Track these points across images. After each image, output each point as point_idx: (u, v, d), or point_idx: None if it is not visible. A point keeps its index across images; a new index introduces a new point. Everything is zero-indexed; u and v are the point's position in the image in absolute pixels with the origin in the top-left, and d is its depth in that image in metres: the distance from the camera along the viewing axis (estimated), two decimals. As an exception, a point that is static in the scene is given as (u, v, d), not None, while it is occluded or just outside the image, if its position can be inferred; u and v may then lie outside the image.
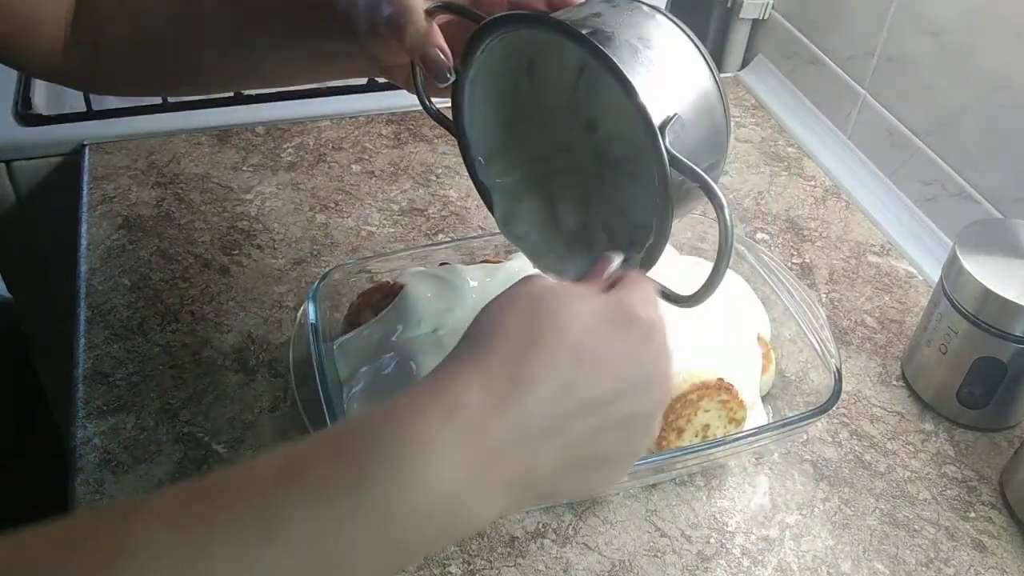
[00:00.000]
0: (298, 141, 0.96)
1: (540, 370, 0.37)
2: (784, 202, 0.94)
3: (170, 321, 0.75)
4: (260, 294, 0.78)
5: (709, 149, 0.51)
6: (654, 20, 0.49)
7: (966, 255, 0.67)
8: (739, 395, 0.62)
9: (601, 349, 0.39)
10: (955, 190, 0.86)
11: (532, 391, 0.37)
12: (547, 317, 0.39)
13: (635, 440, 0.41)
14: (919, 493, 0.66)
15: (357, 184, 0.91)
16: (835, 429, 0.70)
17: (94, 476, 0.62)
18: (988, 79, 0.81)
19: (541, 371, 0.37)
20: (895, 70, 0.92)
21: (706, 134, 0.50)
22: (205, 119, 0.96)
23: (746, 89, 1.11)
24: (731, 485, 0.66)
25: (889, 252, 0.88)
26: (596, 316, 0.39)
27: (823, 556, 0.62)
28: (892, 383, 0.75)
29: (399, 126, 0.99)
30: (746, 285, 0.72)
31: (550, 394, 0.37)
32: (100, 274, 0.79)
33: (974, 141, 0.83)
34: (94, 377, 0.69)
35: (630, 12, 0.49)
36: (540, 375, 0.37)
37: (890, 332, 0.79)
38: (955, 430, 0.71)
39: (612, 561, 0.60)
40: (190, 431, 0.66)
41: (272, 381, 0.70)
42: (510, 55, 0.53)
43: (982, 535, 0.64)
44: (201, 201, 0.87)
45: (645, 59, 0.47)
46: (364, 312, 0.68)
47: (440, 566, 0.59)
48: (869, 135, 0.97)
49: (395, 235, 0.85)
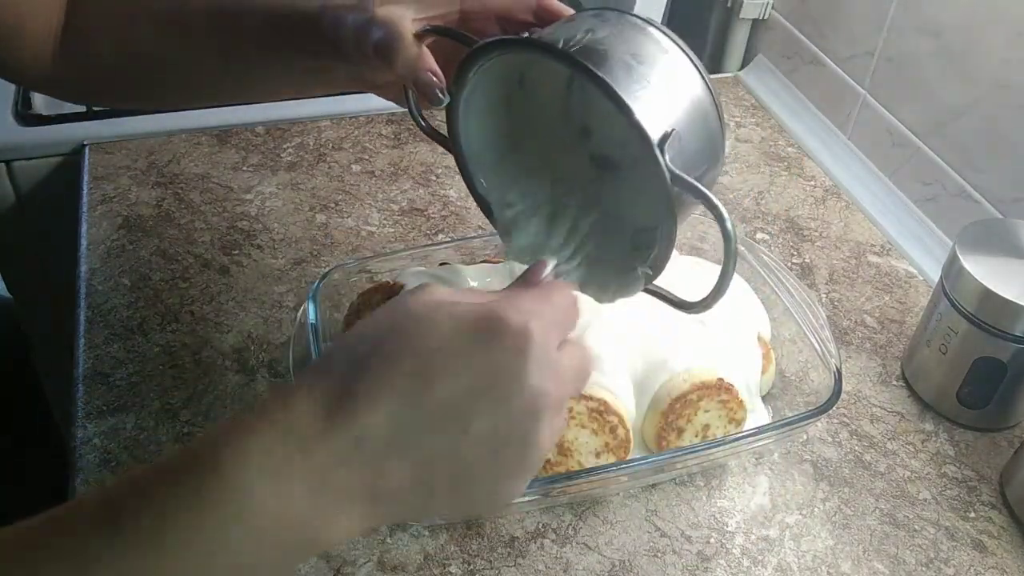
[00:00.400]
0: (298, 141, 0.96)
1: (378, 383, 0.36)
2: (784, 202, 0.94)
3: (170, 321, 0.75)
4: (260, 294, 0.78)
5: (706, 156, 0.51)
6: (644, 33, 0.50)
7: (966, 255, 0.67)
8: (739, 395, 0.62)
9: (449, 362, 0.36)
10: (955, 190, 0.86)
11: (367, 405, 0.35)
12: (400, 329, 0.37)
13: (509, 456, 0.38)
14: (919, 493, 0.66)
15: (357, 184, 0.91)
16: (835, 429, 0.70)
17: (94, 476, 0.62)
18: (988, 79, 0.81)
19: (379, 384, 0.36)
20: (895, 70, 0.92)
21: (703, 142, 0.50)
22: (205, 119, 0.96)
23: (746, 89, 1.11)
24: (731, 485, 0.66)
25: (889, 252, 0.88)
26: (452, 329, 0.37)
27: (823, 556, 0.62)
28: (892, 383, 0.75)
29: (399, 126, 0.99)
30: (746, 285, 0.72)
31: (390, 407, 0.36)
32: (100, 274, 0.79)
33: (974, 141, 0.83)
34: (94, 377, 0.69)
35: (620, 26, 0.49)
36: (378, 388, 0.36)
37: (890, 332, 0.79)
38: (955, 430, 0.71)
39: (612, 561, 0.60)
40: (190, 431, 0.66)
41: (272, 381, 0.70)
42: (502, 74, 0.53)
43: (982, 535, 0.64)
44: (201, 201, 0.87)
45: (639, 76, 0.47)
46: (364, 312, 0.68)
47: (440, 566, 0.59)
48: (869, 135, 0.97)
49: (395, 235, 0.85)
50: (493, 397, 0.37)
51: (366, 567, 0.59)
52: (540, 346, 0.37)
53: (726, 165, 0.98)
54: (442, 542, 0.61)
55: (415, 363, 0.36)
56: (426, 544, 0.60)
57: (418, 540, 0.60)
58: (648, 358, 0.63)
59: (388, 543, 0.60)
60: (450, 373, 0.36)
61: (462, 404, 0.37)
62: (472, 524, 0.62)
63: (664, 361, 0.63)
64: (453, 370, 0.36)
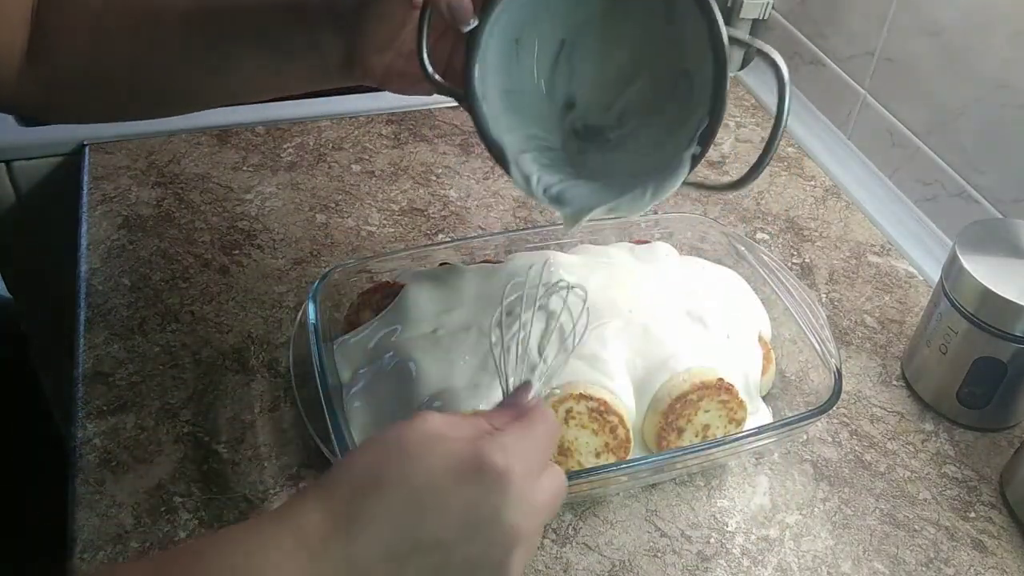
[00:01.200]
0: (298, 141, 0.96)
1: (376, 512, 0.40)
2: (784, 202, 0.94)
3: (170, 321, 0.75)
4: (260, 294, 0.78)
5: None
6: None
7: (966, 255, 0.67)
8: (739, 395, 0.62)
9: (440, 498, 0.41)
10: (955, 190, 0.86)
11: (365, 530, 0.40)
12: (396, 463, 0.42)
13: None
14: (919, 493, 0.66)
15: (357, 184, 0.91)
16: (835, 429, 0.70)
17: (94, 476, 0.62)
18: (988, 79, 0.81)
19: (377, 513, 0.40)
20: (895, 70, 0.92)
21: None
22: (205, 119, 0.96)
23: (746, 89, 1.11)
24: (731, 485, 0.66)
25: (889, 252, 0.88)
26: (444, 466, 0.41)
27: (823, 556, 0.62)
28: (892, 383, 0.75)
29: (399, 126, 1.00)
30: (746, 285, 0.72)
31: (385, 535, 0.40)
32: (100, 274, 0.79)
33: (974, 141, 0.83)
34: (94, 377, 0.69)
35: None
36: (375, 517, 0.40)
37: (890, 332, 0.79)
38: (955, 430, 0.71)
39: (612, 561, 0.60)
40: (190, 431, 0.66)
41: (272, 381, 0.70)
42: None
43: (982, 535, 0.64)
44: (201, 201, 0.87)
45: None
46: (364, 312, 0.68)
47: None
48: (869, 135, 0.97)
49: (395, 235, 0.85)
50: (473, 532, 0.41)
51: (366, 567, 0.59)
52: (518, 486, 0.42)
53: (726, 165, 0.98)
54: (442, 542, 0.60)
55: (408, 497, 0.41)
56: (426, 544, 0.60)
57: (418, 540, 0.60)
58: (648, 358, 0.63)
59: (388, 543, 0.60)
60: (438, 509, 0.41)
61: (447, 536, 0.41)
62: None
63: (664, 361, 0.63)
64: (441, 507, 0.41)
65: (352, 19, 0.56)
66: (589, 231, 0.75)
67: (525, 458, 0.43)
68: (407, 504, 0.41)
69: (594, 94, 0.60)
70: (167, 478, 0.63)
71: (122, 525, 0.60)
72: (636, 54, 0.60)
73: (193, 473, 0.63)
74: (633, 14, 0.59)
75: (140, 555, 0.58)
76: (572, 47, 0.60)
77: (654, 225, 0.78)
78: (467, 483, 0.41)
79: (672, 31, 0.57)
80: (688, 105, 0.55)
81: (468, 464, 0.41)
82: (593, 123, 0.59)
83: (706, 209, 0.92)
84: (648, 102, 0.59)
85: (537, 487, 0.43)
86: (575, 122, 0.59)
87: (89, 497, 0.61)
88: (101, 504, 0.61)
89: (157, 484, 0.62)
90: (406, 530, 0.40)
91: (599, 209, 0.55)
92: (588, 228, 0.75)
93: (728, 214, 0.91)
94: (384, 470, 0.41)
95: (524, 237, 0.74)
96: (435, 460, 0.41)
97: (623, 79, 0.60)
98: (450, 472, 0.41)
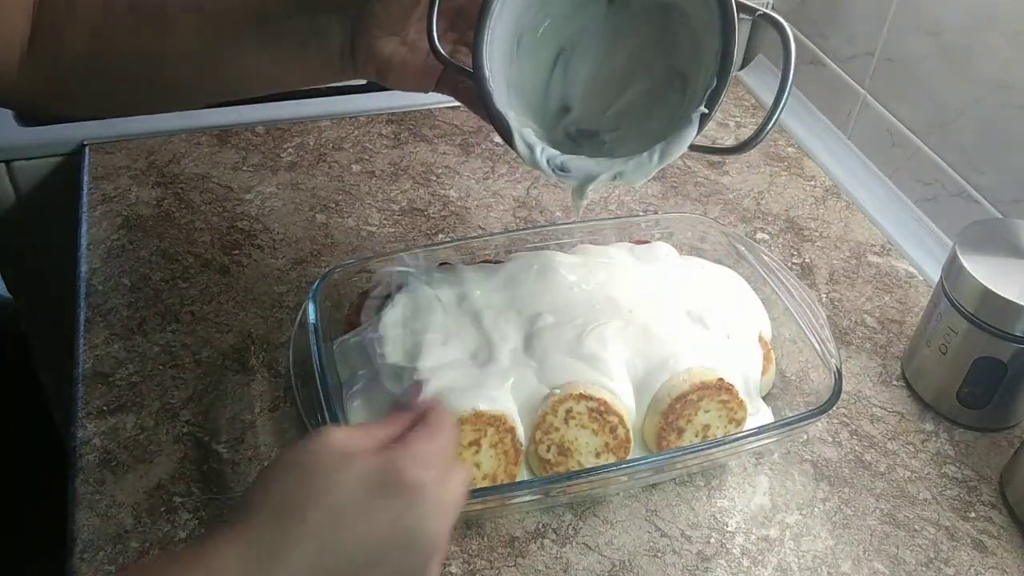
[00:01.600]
0: (298, 141, 0.96)
1: (299, 538, 0.40)
2: (784, 202, 0.94)
3: (170, 321, 0.75)
4: (260, 294, 0.78)
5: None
6: None
7: (966, 255, 0.67)
8: (739, 395, 0.62)
9: (359, 516, 0.42)
10: (955, 190, 0.86)
11: (287, 559, 0.40)
12: (312, 484, 0.42)
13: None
14: (919, 493, 0.66)
15: (357, 184, 0.91)
16: (835, 429, 0.70)
17: (94, 476, 0.62)
18: (988, 79, 0.81)
19: (300, 539, 0.40)
20: (895, 70, 0.92)
21: None
22: (205, 119, 0.96)
23: (746, 89, 1.11)
24: (731, 485, 0.66)
25: (889, 252, 0.88)
26: (359, 484, 0.42)
27: (823, 556, 0.62)
28: (892, 383, 0.75)
29: (399, 126, 1.00)
30: (746, 285, 0.72)
31: (310, 560, 0.40)
32: (100, 274, 0.79)
33: (974, 141, 0.83)
34: (94, 377, 0.69)
35: None
36: (299, 543, 0.40)
37: (890, 332, 0.79)
38: (955, 430, 0.71)
39: (612, 561, 0.60)
40: (190, 431, 0.66)
41: (272, 381, 0.70)
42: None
43: (982, 535, 0.64)
44: (201, 201, 0.87)
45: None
46: (364, 312, 0.68)
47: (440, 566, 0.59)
48: (869, 135, 0.97)
49: (395, 235, 0.85)
50: (400, 544, 0.42)
51: (366, 567, 0.59)
52: (434, 494, 0.43)
53: (726, 165, 0.98)
54: (442, 542, 0.61)
55: (329, 517, 0.41)
56: (426, 544, 0.60)
57: (418, 540, 0.60)
58: (648, 358, 0.63)
59: (388, 543, 0.60)
60: (362, 527, 0.42)
61: (372, 549, 0.42)
62: (472, 524, 0.62)
63: (664, 361, 0.63)
64: (364, 524, 0.42)
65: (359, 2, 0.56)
66: (589, 231, 0.75)
67: (435, 465, 0.44)
68: (330, 524, 0.41)
69: (590, 100, 0.60)
70: (167, 478, 0.63)
71: (122, 525, 0.60)
72: (632, 59, 0.60)
73: (193, 473, 0.63)
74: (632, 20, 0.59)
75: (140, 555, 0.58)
76: (570, 55, 0.60)
77: (654, 225, 0.78)
78: (387, 498, 0.42)
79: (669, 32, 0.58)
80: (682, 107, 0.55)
81: (386, 479, 0.42)
82: (588, 127, 0.59)
83: (706, 209, 0.92)
84: (643, 106, 0.59)
85: (447, 491, 0.45)
86: (569, 126, 0.59)
87: (89, 497, 0.61)
88: (101, 504, 0.61)
89: (157, 484, 0.62)
90: (331, 551, 0.41)
91: (604, 176, 0.55)
92: (588, 228, 0.75)
93: (728, 214, 0.91)
94: (301, 493, 0.42)
95: (524, 237, 0.74)
96: (351, 477, 0.42)
97: (619, 85, 0.60)
98: (370, 488, 0.42)
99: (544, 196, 0.91)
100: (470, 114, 0.63)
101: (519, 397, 0.61)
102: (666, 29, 0.59)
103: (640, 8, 0.59)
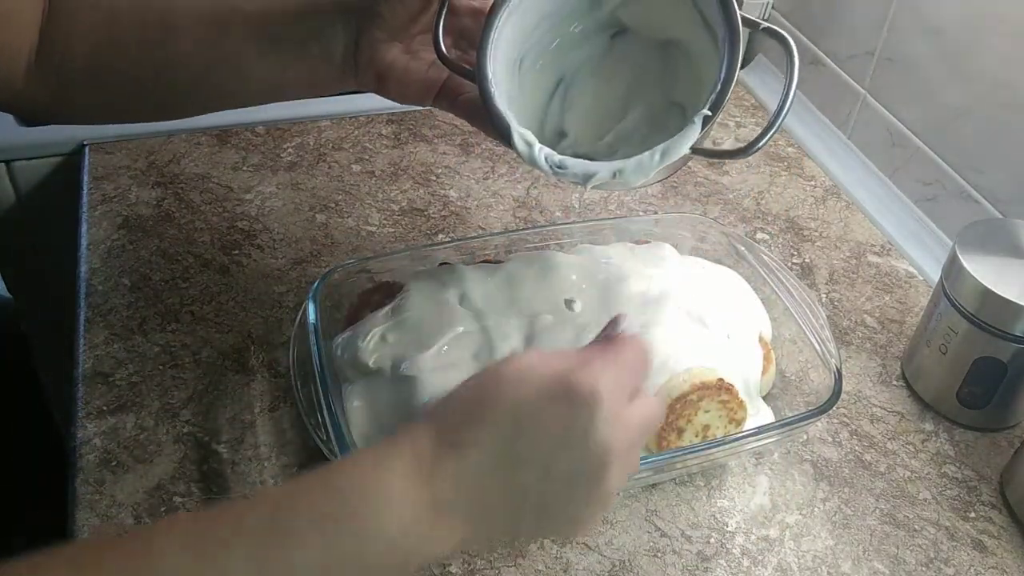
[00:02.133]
0: (298, 141, 0.96)
1: (479, 434, 0.44)
2: (784, 202, 0.94)
3: (170, 321, 0.75)
4: (260, 294, 0.78)
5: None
6: None
7: (966, 255, 0.67)
8: (739, 395, 0.62)
9: (535, 418, 0.44)
10: (955, 190, 0.86)
11: (472, 449, 0.43)
12: (494, 391, 0.45)
13: (582, 494, 0.45)
14: (919, 493, 0.66)
15: (357, 184, 0.91)
16: (835, 429, 0.70)
17: (94, 476, 0.62)
18: (988, 79, 0.81)
19: (480, 434, 0.44)
20: (895, 70, 0.92)
21: None
22: (205, 119, 0.96)
23: (746, 89, 1.11)
24: (731, 485, 0.66)
25: (889, 252, 0.88)
26: (537, 391, 0.44)
27: (823, 556, 0.62)
28: (892, 383, 0.75)
29: (399, 126, 1.00)
30: (746, 285, 0.72)
31: (489, 452, 0.44)
32: (100, 274, 0.79)
33: (974, 141, 0.83)
34: (94, 377, 0.69)
35: None
36: (479, 438, 0.44)
37: (890, 332, 0.79)
38: (955, 430, 0.71)
39: (612, 561, 0.60)
40: (190, 431, 0.66)
41: (272, 381, 0.70)
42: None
43: (982, 535, 0.64)
44: (201, 201, 0.87)
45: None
46: (364, 312, 0.68)
47: (440, 566, 0.59)
48: (869, 135, 0.97)
49: (395, 235, 0.85)
50: (567, 447, 0.44)
51: (366, 567, 0.59)
52: (607, 406, 0.44)
53: (726, 165, 0.98)
54: (442, 542, 0.61)
55: (507, 419, 0.44)
56: (426, 544, 0.60)
57: (418, 540, 0.60)
58: (648, 358, 0.63)
59: (388, 543, 0.60)
60: (534, 428, 0.44)
61: (544, 450, 0.44)
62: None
63: (664, 361, 0.62)
64: (536, 426, 0.44)
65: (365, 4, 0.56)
66: (589, 231, 0.75)
67: (613, 380, 0.45)
68: (506, 424, 0.44)
69: (587, 126, 0.61)
70: (167, 478, 0.63)
71: (122, 525, 0.60)
72: (632, 90, 0.61)
73: (193, 473, 0.63)
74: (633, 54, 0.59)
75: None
76: (569, 83, 0.61)
77: (654, 225, 0.78)
78: (558, 404, 0.44)
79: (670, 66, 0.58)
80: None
81: (559, 387, 0.44)
82: (583, 153, 0.59)
83: (706, 209, 0.92)
84: (640, 133, 0.59)
85: (627, 408, 0.46)
86: (565, 151, 0.59)
87: (89, 497, 0.61)
88: (101, 504, 0.61)
89: (157, 484, 0.62)
90: (507, 447, 0.43)
91: (603, 173, 0.55)
92: (588, 228, 0.75)
93: (728, 214, 0.91)
94: (483, 398, 0.45)
95: (524, 237, 0.74)
96: (529, 386, 0.44)
97: (617, 114, 0.61)
98: (543, 395, 0.44)
99: (544, 196, 0.91)
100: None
101: (519, 397, 0.61)
102: (667, 64, 0.59)
103: (642, 43, 0.60)
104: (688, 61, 0.58)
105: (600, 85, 0.61)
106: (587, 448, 0.44)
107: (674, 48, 0.59)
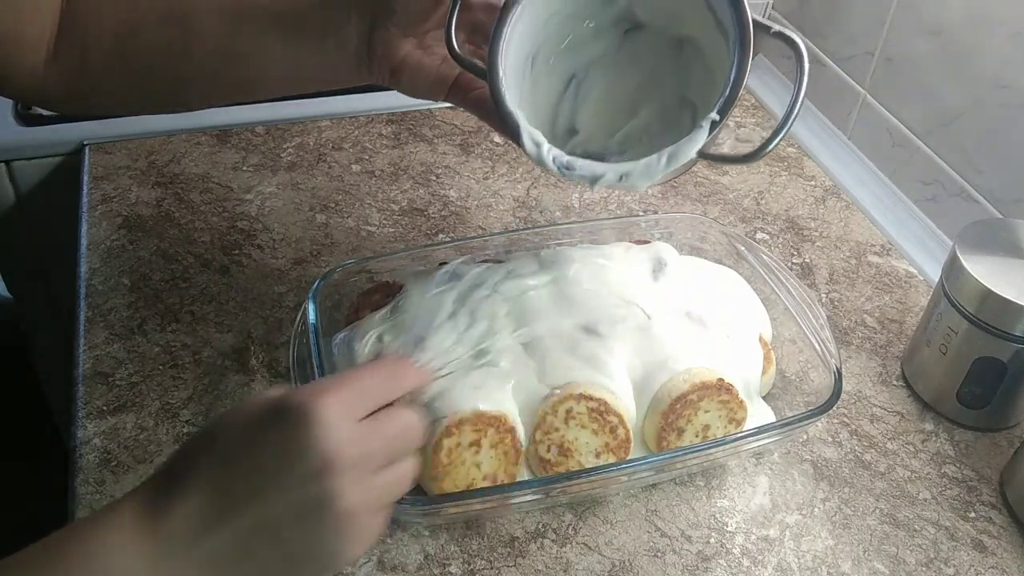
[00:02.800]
0: (298, 141, 0.96)
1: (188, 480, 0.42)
2: (784, 202, 0.94)
3: (170, 321, 0.75)
4: (260, 294, 0.78)
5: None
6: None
7: (966, 255, 0.67)
8: (739, 395, 0.62)
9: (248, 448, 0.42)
10: (955, 190, 0.86)
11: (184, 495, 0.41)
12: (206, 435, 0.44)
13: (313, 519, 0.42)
14: (919, 493, 0.66)
15: (357, 184, 0.91)
16: (835, 429, 0.70)
17: (94, 476, 0.62)
18: (988, 79, 0.81)
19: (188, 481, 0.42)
20: (895, 70, 0.92)
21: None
22: (205, 119, 0.96)
23: (746, 89, 1.11)
24: (731, 485, 0.66)
25: (889, 252, 0.88)
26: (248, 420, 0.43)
27: (823, 556, 0.62)
28: (892, 383, 0.75)
29: (399, 126, 1.00)
30: (746, 285, 0.72)
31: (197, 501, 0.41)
32: (100, 274, 0.79)
33: (974, 141, 0.83)
34: (94, 377, 0.69)
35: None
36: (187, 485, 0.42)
37: (890, 332, 0.79)
38: (955, 430, 0.71)
39: (612, 561, 0.60)
40: (190, 431, 0.66)
41: (272, 381, 0.70)
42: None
43: (982, 535, 0.64)
44: (201, 201, 0.87)
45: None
46: (364, 312, 0.68)
47: (440, 566, 0.59)
48: (869, 135, 0.97)
49: (395, 235, 0.85)
50: (287, 470, 0.41)
51: (366, 567, 0.59)
52: (324, 414, 0.42)
53: (726, 165, 0.98)
54: (442, 542, 0.61)
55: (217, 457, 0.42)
56: (426, 544, 0.60)
57: (418, 540, 0.60)
58: (648, 358, 0.63)
59: (388, 543, 0.60)
60: (248, 458, 0.42)
61: (261, 483, 0.41)
62: (472, 524, 0.62)
63: (664, 361, 0.63)
64: (250, 455, 0.42)
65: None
66: (589, 231, 0.75)
67: (335, 397, 0.43)
68: (217, 463, 0.42)
69: (597, 124, 0.61)
70: (167, 478, 0.63)
71: (122, 525, 0.60)
72: (643, 88, 0.61)
73: (193, 473, 0.63)
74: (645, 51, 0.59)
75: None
76: (581, 80, 0.61)
77: (654, 225, 0.78)
78: (271, 427, 0.42)
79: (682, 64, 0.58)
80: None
81: (270, 410, 0.43)
82: (594, 150, 0.59)
83: (706, 209, 0.92)
84: (651, 131, 0.59)
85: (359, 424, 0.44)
86: (575, 148, 0.59)
87: (89, 497, 0.61)
88: (101, 504, 0.61)
89: (157, 484, 0.62)
90: (219, 489, 0.41)
91: (610, 175, 0.55)
92: (588, 228, 0.75)
93: (728, 214, 0.91)
94: (195, 444, 0.44)
95: (524, 237, 0.74)
96: (240, 418, 0.43)
97: (628, 111, 0.61)
98: (254, 422, 0.42)
99: (544, 196, 0.91)
100: (470, 114, 0.63)
101: (519, 397, 0.61)
102: (679, 61, 0.59)
103: (654, 41, 0.60)
104: (702, 59, 0.58)
105: (612, 82, 0.61)
106: (307, 466, 0.41)
107: (688, 45, 0.59)
